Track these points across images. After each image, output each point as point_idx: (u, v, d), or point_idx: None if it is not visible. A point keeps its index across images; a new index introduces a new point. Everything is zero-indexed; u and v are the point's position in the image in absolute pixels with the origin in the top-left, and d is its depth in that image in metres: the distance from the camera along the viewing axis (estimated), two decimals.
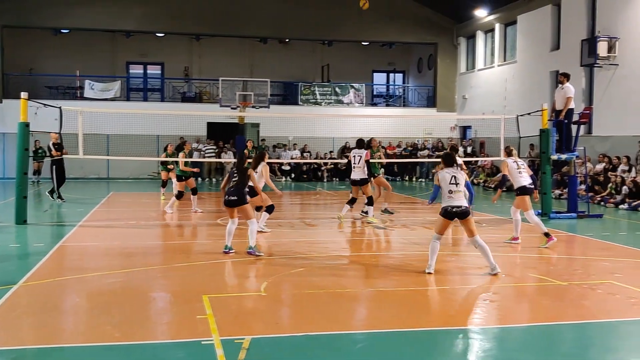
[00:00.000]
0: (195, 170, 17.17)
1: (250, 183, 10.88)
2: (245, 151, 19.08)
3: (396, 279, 8.85)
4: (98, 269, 9.31)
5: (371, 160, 15.13)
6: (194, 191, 16.53)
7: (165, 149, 18.32)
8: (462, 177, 9.11)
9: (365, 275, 9.23)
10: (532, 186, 11.75)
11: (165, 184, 19.41)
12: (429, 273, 8.92)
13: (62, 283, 8.46)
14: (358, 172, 14.56)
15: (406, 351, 5.95)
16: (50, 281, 8.50)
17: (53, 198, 18.46)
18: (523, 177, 11.68)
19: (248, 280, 8.74)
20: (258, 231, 11.46)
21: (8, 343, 5.97)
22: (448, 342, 6.25)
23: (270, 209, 12.69)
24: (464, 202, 8.98)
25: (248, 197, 10.64)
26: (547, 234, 11.40)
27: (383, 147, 25.02)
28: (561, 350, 6.07)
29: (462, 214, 8.92)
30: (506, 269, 9.47)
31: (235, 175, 10.50)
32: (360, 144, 14.92)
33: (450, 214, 8.94)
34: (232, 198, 10.33)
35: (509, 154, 12.08)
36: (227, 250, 10.49)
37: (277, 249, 11.42)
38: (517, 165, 11.81)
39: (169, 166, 18.44)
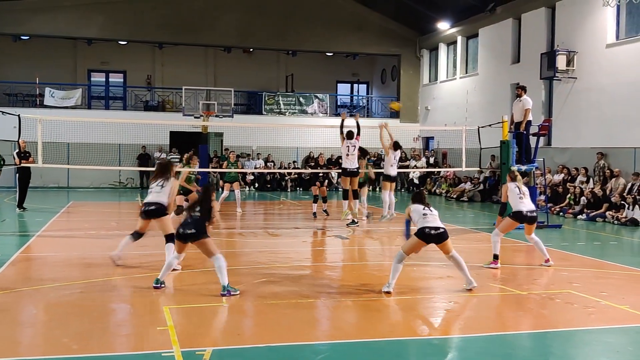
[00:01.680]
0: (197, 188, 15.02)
1: None
2: (225, 163, 18.97)
3: (358, 289, 8.86)
4: (56, 279, 9.13)
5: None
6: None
7: (181, 159, 17.01)
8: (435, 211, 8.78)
9: (327, 286, 9.23)
10: (533, 214, 10.82)
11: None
12: (387, 292, 8.37)
13: (19, 294, 8.28)
14: (352, 161, 15.27)
15: None
16: (7, 292, 8.30)
17: (22, 209, 18.08)
18: (523, 203, 10.78)
19: (210, 291, 8.64)
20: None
21: None
22: (409, 352, 6.28)
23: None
24: (440, 224, 8.55)
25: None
26: (495, 257, 10.86)
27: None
28: (521, 359, 6.14)
29: (439, 237, 8.46)
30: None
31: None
32: (351, 135, 15.67)
33: (427, 236, 8.45)
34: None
35: (513, 179, 11.23)
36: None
37: (240, 259, 11.35)
38: (519, 190, 10.93)
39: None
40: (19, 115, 15.43)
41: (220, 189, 19.36)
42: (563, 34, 22.34)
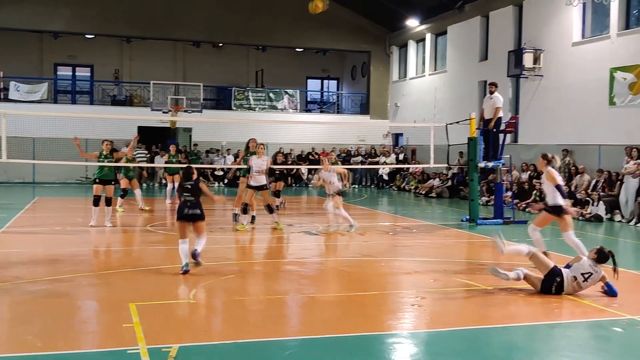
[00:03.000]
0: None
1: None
2: (167, 155, 19.04)
3: (326, 285, 8.89)
4: (20, 276, 8.98)
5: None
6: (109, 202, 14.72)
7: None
8: None
9: (295, 281, 9.23)
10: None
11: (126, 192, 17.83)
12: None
13: None
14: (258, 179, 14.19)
15: (336, 357, 5.97)
16: None
17: None
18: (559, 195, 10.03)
19: (177, 287, 8.60)
20: None
21: None
22: (376, 347, 6.31)
23: None
24: None
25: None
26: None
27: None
28: (486, 354, 6.22)
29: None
30: (434, 274, 9.65)
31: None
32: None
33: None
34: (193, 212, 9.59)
35: (549, 161, 10.14)
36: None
37: (208, 255, 11.27)
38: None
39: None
40: None
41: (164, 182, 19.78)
42: (530, 33, 22.61)
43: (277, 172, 17.56)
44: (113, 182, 14.72)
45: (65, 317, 7.07)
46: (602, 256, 8.35)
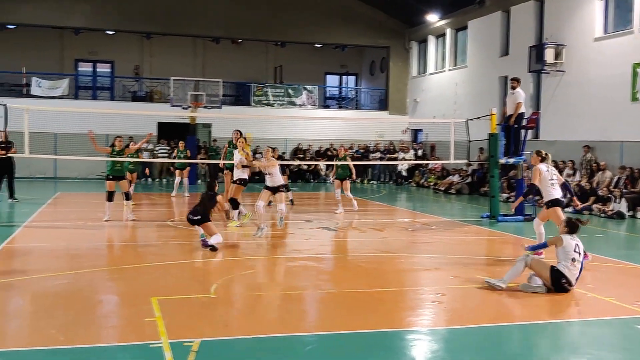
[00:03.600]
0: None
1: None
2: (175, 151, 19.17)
3: (345, 281, 8.88)
4: (43, 270, 9.08)
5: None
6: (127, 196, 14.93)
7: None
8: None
9: (315, 277, 9.24)
10: (564, 199, 10.67)
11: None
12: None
13: (5, 285, 8.22)
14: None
15: (355, 353, 5.97)
16: None
17: (14, 199, 17.99)
18: (556, 189, 10.52)
19: (197, 282, 8.65)
20: None
21: None
22: (396, 344, 6.30)
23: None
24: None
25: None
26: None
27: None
28: (507, 351, 6.19)
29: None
30: (454, 271, 9.61)
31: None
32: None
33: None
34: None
35: (542, 159, 10.63)
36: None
37: (227, 250, 11.34)
38: (550, 174, 10.54)
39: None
40: (5, 105, 15.28)
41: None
42: (552, 27, 22.40)
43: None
44: (126, 177, 15.02)
45: (88, 311, 7.14)
46: (571, 226, 8.45)
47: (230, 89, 32.96)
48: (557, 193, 10.47)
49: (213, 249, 10.59)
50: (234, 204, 14.06)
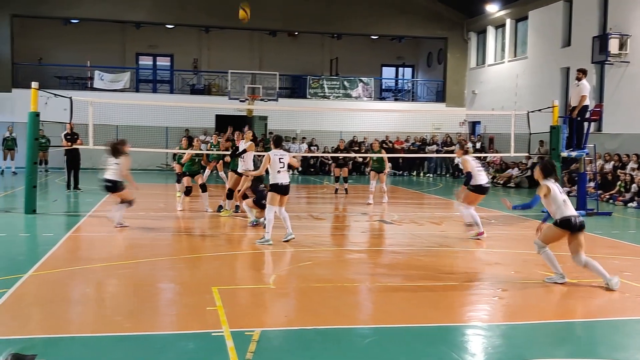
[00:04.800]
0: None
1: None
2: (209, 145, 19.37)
3: (404, 274, 8.84)
4: (107, 259, 9.33)
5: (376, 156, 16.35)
6: (203, 188, 15.24)
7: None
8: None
9: (372, 270, 9.22)
10: (489, 185, 12.25)
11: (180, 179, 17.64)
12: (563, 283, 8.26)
13: (71, 273, 8.49)
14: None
15: (414, 347, 5.94)
16: (59, 271, 8.52)
17: (70, 190, 18.58)
18: (482, 176, 12.03)
19: (256, 273, 8.75)
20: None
21: (17, 332, 5.99)
22: (456, 338, 6.24)
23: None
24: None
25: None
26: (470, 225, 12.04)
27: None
28: (569, 348, 6.06)
29: (582, 226, 8.14)
30: (515, 266, 9.46)
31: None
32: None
33: (575, 226, 8.09)
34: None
35: (466, 152, 12.48)
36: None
37: (285, 242, 11.42)
38: (477, 162, 12.18)
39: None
40: (70, 98, 15.71)
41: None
42: (616, 17, 21.73)
43: (342, 159, 19.49)
44: (201, 171, 15.63)
45: (151, 299, 7.31)
46: (547, 170, 8.40)
47: (286, 81, 33.15)
48: (483, 179, 11.96)
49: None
50: (231, 195, 14.12)
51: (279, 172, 10.64)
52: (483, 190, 11.97)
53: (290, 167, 11.77)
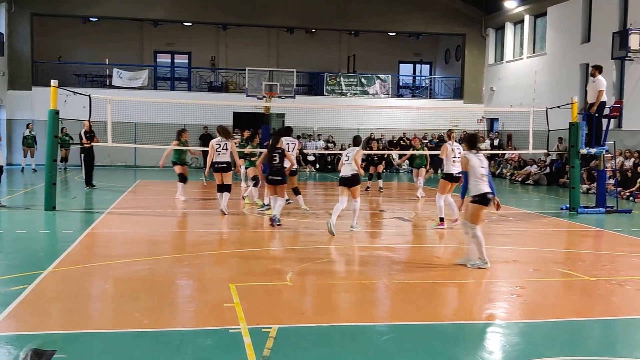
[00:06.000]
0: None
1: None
2: (238, 139, 19.43)
3: (421, 272, 8.81)
4: (126, 255, 9.40)
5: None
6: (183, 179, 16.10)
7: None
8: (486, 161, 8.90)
9: (389, 267, 9.20)
10: (459, 175, 11.91)
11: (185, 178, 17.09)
12: (484, 268, 8.74)
13: (90, 269, 8.56)
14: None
15: (432, 344, 5.93)
16: (79, 267, 8.60)
17: (88, 187, 18.75)
18: (455, 166, 12.18)
19: (274, 269, 8.76)
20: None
21: (37, 328, 6.05)
22: (474, 336, 6.22)
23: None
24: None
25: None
26: (442, 219, 12.46)
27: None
28: (588, 346, 6.01)
29: (492, 200, 8.75)
30: (533, 263, 9.40)
31: (275, 156, 11.95)
32: (289, 130, 15.12)
33: (488, 201, 8.67)
34: (277, 178, 12.06)
35: (449, 137, 12.84)
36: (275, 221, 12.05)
37: (302, 238, 11.45)
38: (454, 152, 12.27)
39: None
40: (89, 96, 15.82)
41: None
42: (637, 12, 21.48)
43: (376, 157, 19.90)
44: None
45: (169, 295, 7.35)
46: (470, 141, 8.85)
47: (303, 78, 33.14)
48: (455, 169, 12.17)
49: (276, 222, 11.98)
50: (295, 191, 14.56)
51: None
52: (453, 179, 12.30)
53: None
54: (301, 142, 15.33)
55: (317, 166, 29.40)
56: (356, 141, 12.12)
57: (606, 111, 15.90)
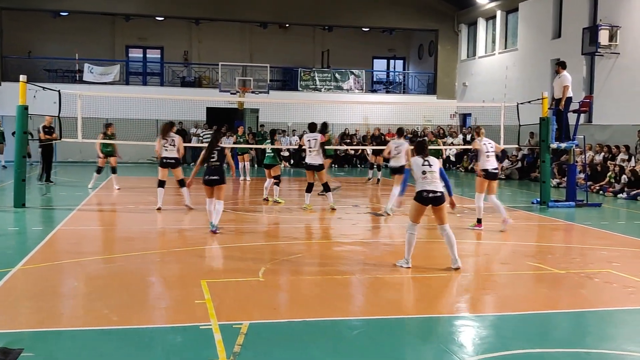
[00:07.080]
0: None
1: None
2: (234, 137, 19.61)
3: (392, 266, 8.84)
4: (96, 252, 9.31)
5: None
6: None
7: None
8: (436, 162, 8.85)
9: (362, 262, 9.22)
10: (496, 171, 12.07)
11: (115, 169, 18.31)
12: (408, 268, 8.55)
13: (59, 267, 8.47)
14: (314, 157, 14.18)
15: (402, 338, 5.97)
16: (48, 265, 8.50)
17: (41, 182, 18.62)
18: (489, 161, 11.93)
19: (246, 265, 8.73)
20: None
21: (5, 326, 5.97)
22: (444, 329, 6.27)
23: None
24: (439, 188, 8.65)
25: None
26: (479, 220, 12.01)
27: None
28: (557, 338, 6.08)
29: (436, 200, 8.58)
30: (503, 257, 9.49)
31: (214, 155, 10.93)
32: (313, 127, 14.54)
33: (425, 199, 8.59)
34: (214, 178, 10.88)
35: (478, 134, 12.52)
36: (214, 230, 10.94)
37: (275, 234, 11.43)
38: (486, 146, 12.01)
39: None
40: (59, 91, 15.61)
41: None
42: (606, 9, 21.77)
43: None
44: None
45: (140, 292, 7.29)
46: (418, 147, 8.94)
47: (277, 74, 33.07)
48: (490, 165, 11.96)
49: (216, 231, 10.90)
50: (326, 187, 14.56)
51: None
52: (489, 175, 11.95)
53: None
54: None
55: (292, 162, 29.34)
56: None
57: (575, 106, 16.11)
